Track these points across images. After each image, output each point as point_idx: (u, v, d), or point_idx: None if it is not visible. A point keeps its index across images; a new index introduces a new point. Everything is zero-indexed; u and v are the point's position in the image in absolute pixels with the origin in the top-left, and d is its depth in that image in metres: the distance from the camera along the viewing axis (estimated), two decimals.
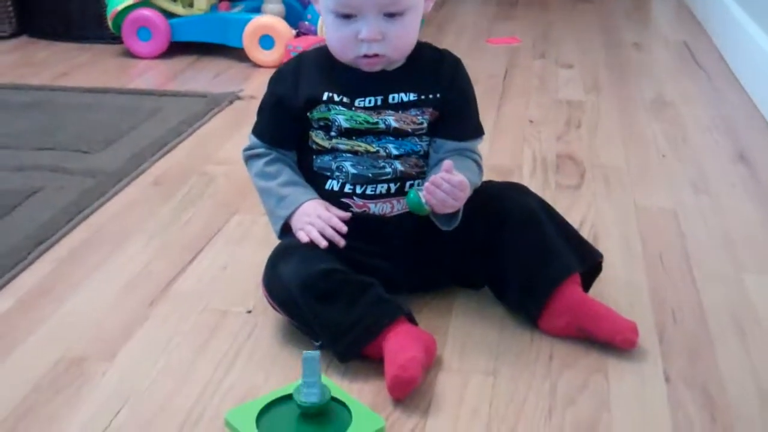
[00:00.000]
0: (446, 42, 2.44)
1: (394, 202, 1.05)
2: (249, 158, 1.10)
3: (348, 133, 1.04)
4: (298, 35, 2.19)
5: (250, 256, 1.20)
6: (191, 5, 2.28)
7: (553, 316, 1.01)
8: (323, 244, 1.00)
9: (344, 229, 1.01)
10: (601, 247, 1.15)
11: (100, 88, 2.00)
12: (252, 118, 1.10)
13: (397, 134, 1.04)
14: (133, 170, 1.52)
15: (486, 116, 1.78)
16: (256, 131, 1.09)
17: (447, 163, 0.98)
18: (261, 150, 1.08)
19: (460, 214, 1.01)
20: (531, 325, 1.03)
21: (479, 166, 1.07)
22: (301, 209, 1.03)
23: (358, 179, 1.04)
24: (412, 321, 0.97)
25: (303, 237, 1.01)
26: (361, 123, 1.03)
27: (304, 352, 0.85)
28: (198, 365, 0.98)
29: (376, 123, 1.03)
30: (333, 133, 1.04)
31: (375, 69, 1.02)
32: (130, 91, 1.99)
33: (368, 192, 1.04)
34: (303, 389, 0.85)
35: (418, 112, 1.04)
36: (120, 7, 2.23)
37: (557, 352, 0.99)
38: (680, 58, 2.28)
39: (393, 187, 1.04)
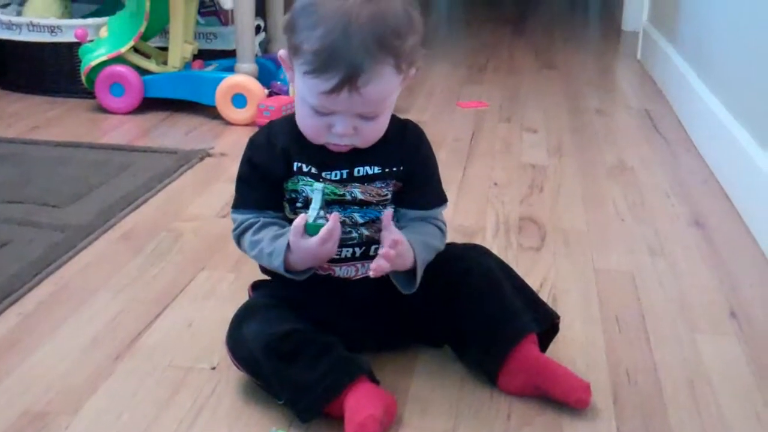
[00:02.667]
0: (417, 104, 2.50)
1: (359, 265, 1.07)
2: (239, 237, 1.06)
3: None
4: (270, 95, 2.23)
5: (216, 313, 1.22)
6: (165, 63, 2.32)
7: (511, 375, 1.04)
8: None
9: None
10: (559, 308, 1.18)
11: (71, 143, 2.01)
12: (222, 174, 1.12)
13: (362, 204, 1.06)
14: (101, 225, 1.53)
15: (452, 178, 1.83)
16: (241, 204, 1.07)
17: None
18: (249, 221, 1.05)
19: (418, 279, 1.04)
20: (490, 384, 1.06)
21: (442, 231, 1.10)
22: (295, 253, 1.00)
23: None
24: (373, 380, 0.99)
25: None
26: (328, 194, 1.04)
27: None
28: (161, 420, 0.98)
29: (343, 195, 1.05)
30: (299, 205, 1.05)
31: (342, 151, 1.04)
32: (101, 146, 2.00)
33: (333, 256, 1.04)
34: None
35: (382, 185, 1.06)
36: (94, 63, 2.25)
37: (515, 410, 1.02)
38: (641, 124, 2.35)
39: (358, 251, 1.07)
